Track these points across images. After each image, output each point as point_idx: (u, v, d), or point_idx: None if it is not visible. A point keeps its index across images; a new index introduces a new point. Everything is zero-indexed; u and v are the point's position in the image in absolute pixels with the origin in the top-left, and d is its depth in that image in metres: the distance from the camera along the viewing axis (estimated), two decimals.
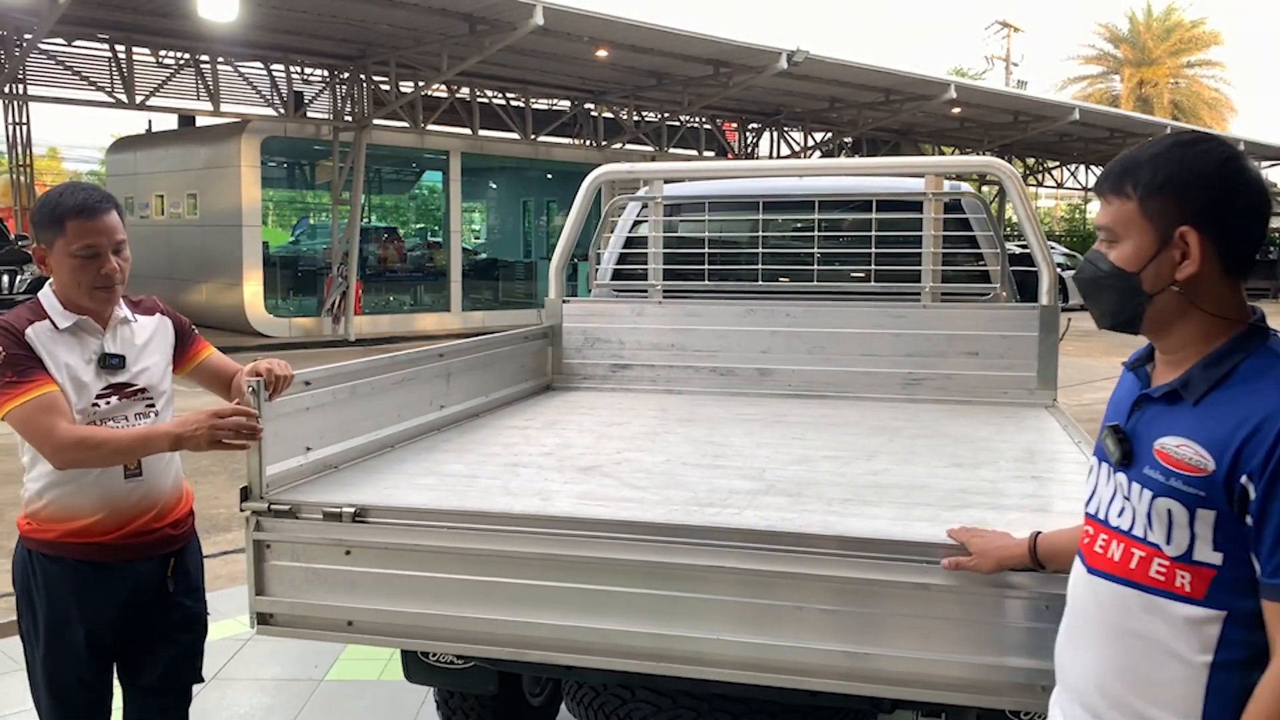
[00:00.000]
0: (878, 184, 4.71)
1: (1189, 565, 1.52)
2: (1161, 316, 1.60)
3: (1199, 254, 1.54)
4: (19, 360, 2.43)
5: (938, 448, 3.24)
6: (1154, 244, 1.57)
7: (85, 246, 2.48)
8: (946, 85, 21.71)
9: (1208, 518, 1.50)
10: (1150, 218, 1.57)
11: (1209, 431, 1.51)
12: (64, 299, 2.55)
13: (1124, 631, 1.61)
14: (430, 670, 2.99)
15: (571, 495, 2.64)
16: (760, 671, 2.18)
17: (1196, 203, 1.54)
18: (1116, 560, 1.62)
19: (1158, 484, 1.55)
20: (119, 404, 2.59)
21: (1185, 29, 47.08)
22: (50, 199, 2.53)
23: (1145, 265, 1.58)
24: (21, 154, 17.53)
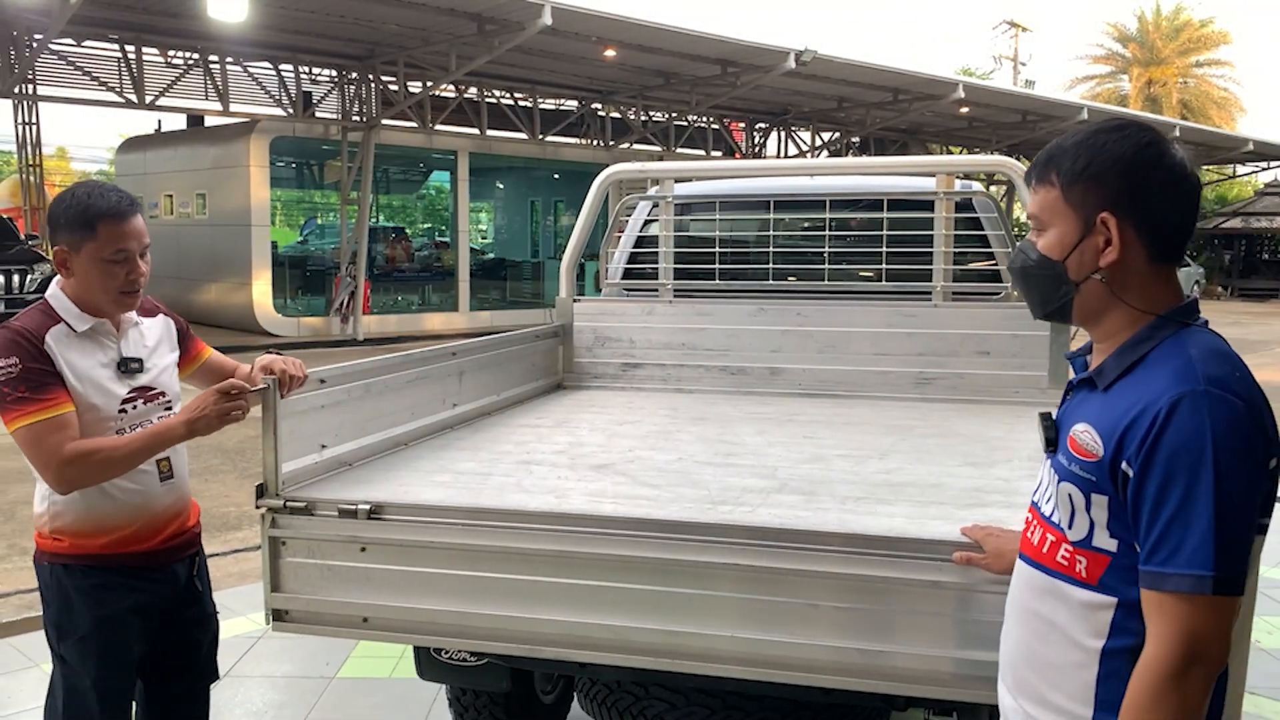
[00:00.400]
0: (888, 183, 4.71)
1: (1087, 550, 1.54)
2: (1089, 305, 1.59)
3: (1119, 240, 1.53)
4: (35, 375, 2.35)
5: (951, 446, 3.24)
6: (1077, 231, 1.56)
7: (118, 251, 2.44)
8: (955, 85, 21.68)
9: (1102, 503, 1.51)
10: (1073, 205, 1.56)
11: (1105, 418, 1.52)
12: (81, 301, 2.48)
13: (1030, 613, 1.63)
14: (443, 668, 3.00)
15: (585, 493, 2.64)
16: (773, 669, 2.19)
17: (1115, 188, 1.53)
18: (1035, 544, 1.65)
19: (1063, 468, 1.58)
20: (144, 408, 2.55)
21: (1194, 28, 46.92)
22: (78, 200, 2.44)
23: (1069, 253, 1.57)
24: (31, 154, 17.57)
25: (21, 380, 2.33)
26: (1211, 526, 1.38)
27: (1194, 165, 1.59)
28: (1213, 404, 1.41)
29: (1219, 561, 1.38)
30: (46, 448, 2.33)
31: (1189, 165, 1.56)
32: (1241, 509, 1.41)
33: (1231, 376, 1.46)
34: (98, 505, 2.46)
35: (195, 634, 2.72)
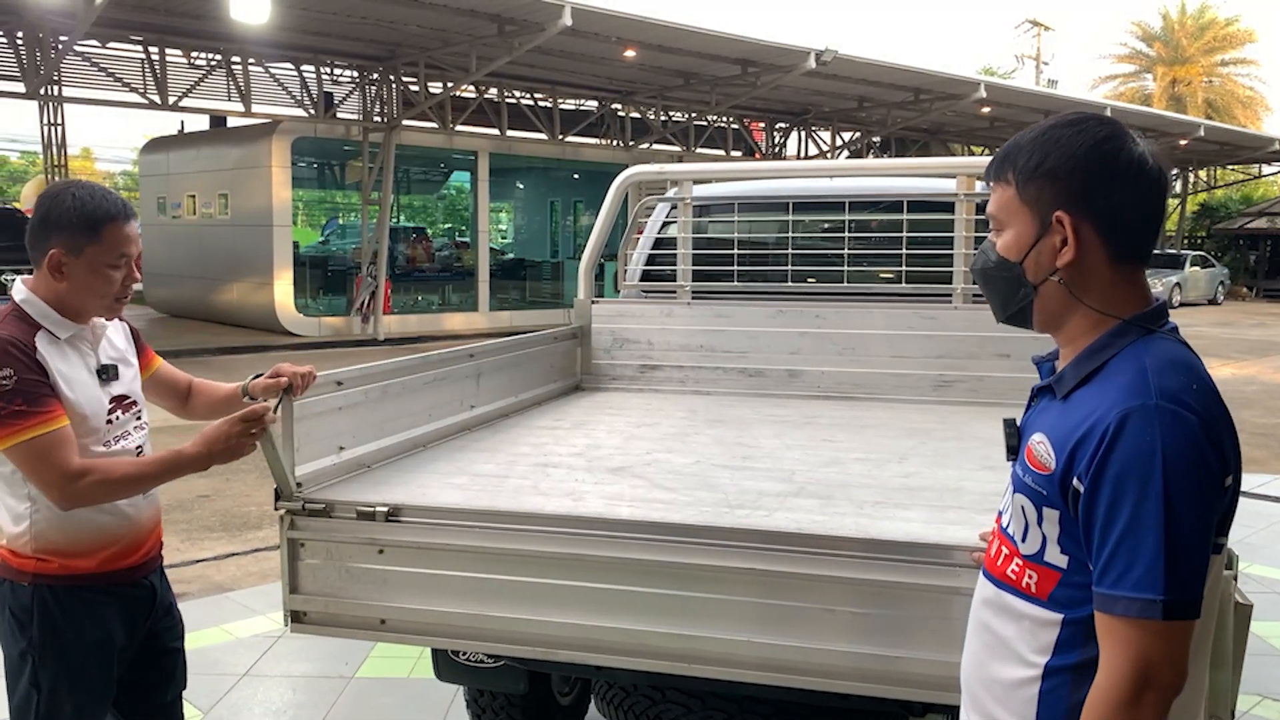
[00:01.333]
0: (908, 185, 4.69)
1: (1038, 565, 1.49)
2: (1048, 308, 1.53)
3: (1074, 239, 1.46)
4: (31, 386, 2.20)
5: (969, 450, 3.23)
6: (1034, 231, 1.49)
7: (121, 255, 2.34)
8: (976, 84, 21.57)
9: (1053, 518, 1.46)
10: (1028, 204, 1.50)
11: (1059, 429, 1.46)
12: (64, 307, 2.33)
13: (983, 627, 1.59)
14: (460, 669, 3.01)
15: (602, 496, 2.64)
16: (789, 674, 2.18)
17: (1070, 185, 1.46)
18: (991, 556, 1.61)
19: (1018, 479, 1.53)
20: (122, 418, 2.43)
21: (1219, 27, 46.48)
22: (79, 201, 2.30)
23: (1026, 254, 1.51)
24: (56, 155, 17.74)
25: (17, 393, 2.19)
26: (1161, 548, 1.32)
27: (1160, 159, 1.49)
28: (1164, 419, 1.35)
29: (1169, 585, 1.32)
30: (51, 464, 2.20)
31: (1152, 159, 1.48)
32: (1193, 529, 1.34)
33: (1187, 389, 1.39)
34: (90, 523, 2.33)
35: (175, 643, 2.61)
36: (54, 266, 2.30)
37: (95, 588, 2.36)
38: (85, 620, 2.35)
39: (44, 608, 2.31)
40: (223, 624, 4.86)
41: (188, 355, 15.26)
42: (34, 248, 2.34)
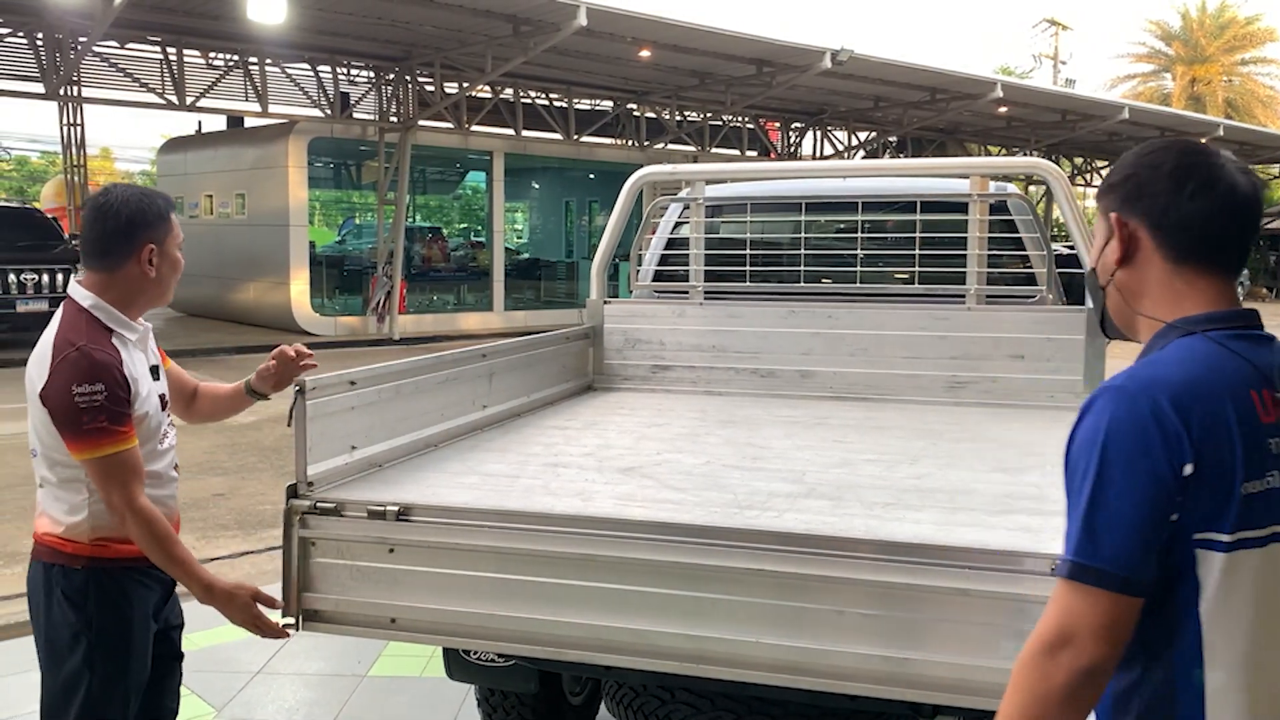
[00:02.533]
0: (922, 185, 4.68)
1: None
2: (1119, 312, 1.58)
3: (1120, 237, 1.52)
4: (116, 404, 2.32)
5: (982, 452, 3.22)
6: (1104, 237, 1.57)
7: (180, 239, 2.52)
8: (993, 84, 21.48)
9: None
10: (1101, 215, 1.59)
11: None
12: (128, 307, 2.45)
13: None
14: (471, 668, 3.02)
15: (612, 496, 2.65)
16: (799, 675, 2.18)
17: (1124, 188, 1.54)
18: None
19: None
20: (164, 416, 2.55)
21: (1239, 25, 46.14)
22: (147, 196, 2.45)
23: (1098, 259, 1.59)
24: (76, 155, 17.87)
25: (103, 411, 2.30)
26: (1082, 515, 1.38)
27: (1233, 168, 1.50)
28: (1118, 400, 1.39)
29: (1080, 548, 1.37)
30: (119, 484, 2.34)
31: (1218, 165, 1.49)
32: (1118, 503, 1.36)
33: (1164, 378, 1.40)
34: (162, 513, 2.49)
35: (179, 619, 2.77)
36: (149, 261, 2.43)
37: (140, 569, 2.49)
38: (135, 599, 2.49)
39: (101, 588, 2.43)
40: None
41: (204, 354, 15.35)
42: (116, 252, 2.42)
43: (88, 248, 2.45)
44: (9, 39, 15.78)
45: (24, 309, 14.31)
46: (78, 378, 2.29)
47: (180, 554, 2.45)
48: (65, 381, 2.29)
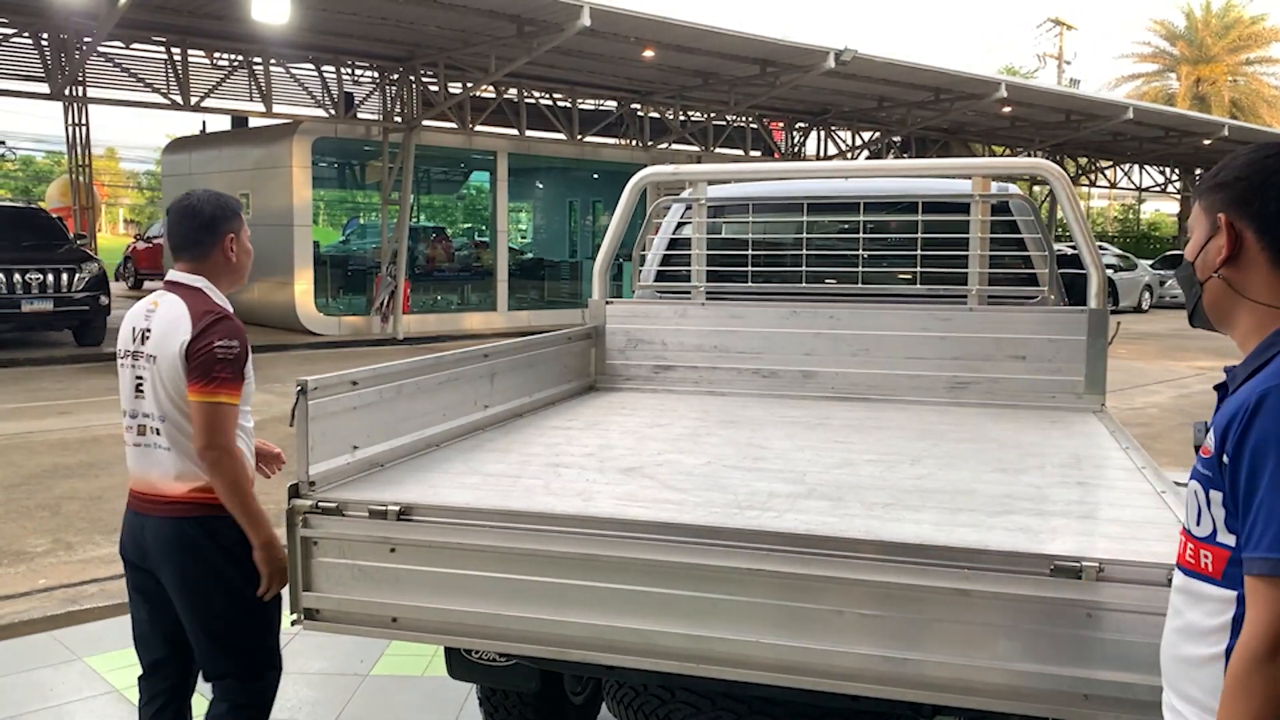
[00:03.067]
0: (924, 185, 4.68)
1: (1211, 546, 1.56)
2: (1216, 306, 1.66)
3: (1229, 238, 1.60)
4: (241, 366, 2.76)
5: (983, 452, 3.22)
6: (1206, 234, 1.65)
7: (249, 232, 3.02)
8: (997, 84, 21.47)
9: (1218, 499, 1.54)
10: (1205, 210, 1.66)
11: (1220, 416, 1.57)
12: (226, 287, 2.94)
13: (1174, 610, 1.66)
14: (473, 667, 3.02)
15: (613, 496, 2.65)
16: (799, 675, 2.18)
17: (1235, 190, 1.61)
18: (1180, 546, 1.68)
19: (1194, 469, 1.62)
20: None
21: (1244, 25, 46.05)
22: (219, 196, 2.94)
23: (1197, 254, 1.67)
24: (81, 155, 17.90)
25: (230, 364, 2.72)
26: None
27: None
28: None
29: None
30: (221, 429, 2.72)
31: None
32: None
33: None
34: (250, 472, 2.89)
35: None
36: (229, 248, 2.91)
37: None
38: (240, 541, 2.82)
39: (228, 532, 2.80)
40: None
41: None
42: (205, 243, 2.88)
43: (179, 242, 2.88)
44: (14, 39, 15.82)
45: (29, 309, 14.33)
46: (222, 334, 2.73)
47: (255, 504, 2.81)
48: (212, 336, 2.71)
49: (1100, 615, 2.05)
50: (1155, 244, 38.98)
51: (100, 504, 6.99)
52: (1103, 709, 2.07)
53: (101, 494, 7.25)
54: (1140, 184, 36.34)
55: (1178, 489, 2.67)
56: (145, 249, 27.15)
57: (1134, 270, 27.25)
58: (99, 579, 5.57)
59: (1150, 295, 27.44)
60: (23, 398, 11.38)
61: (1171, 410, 11.55)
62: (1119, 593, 2.04)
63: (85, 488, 7.41)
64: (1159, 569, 2.02)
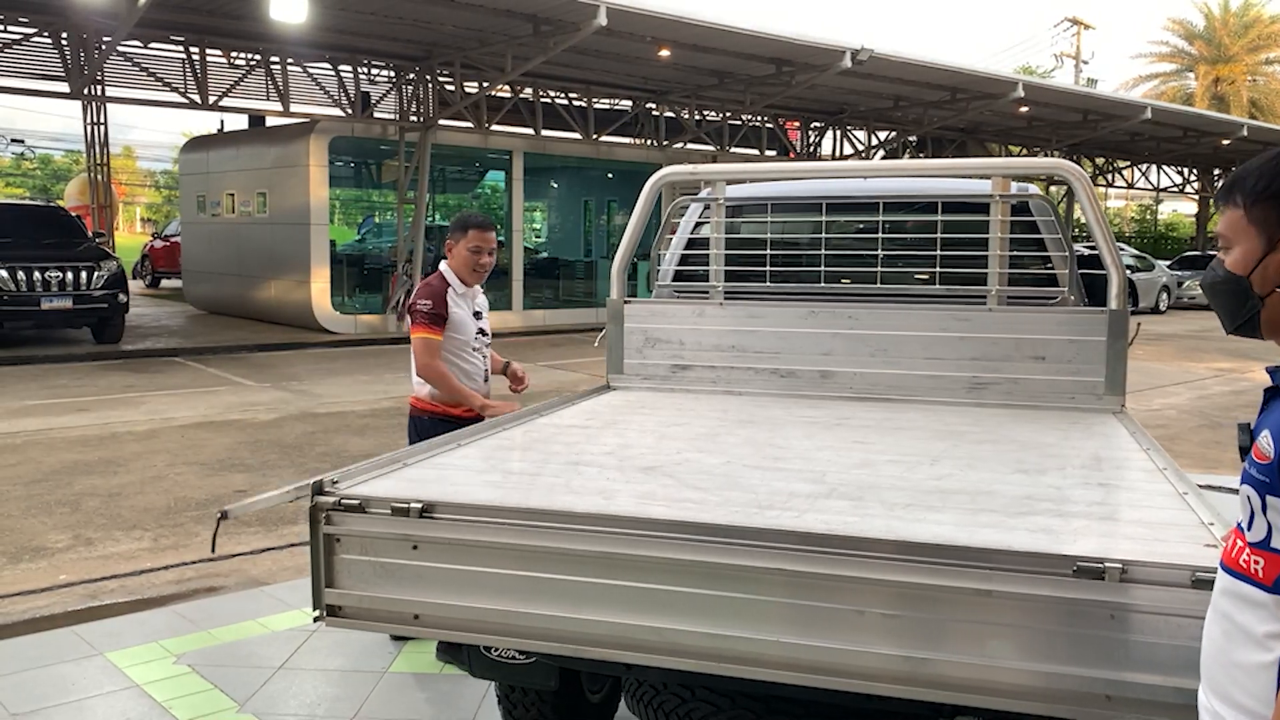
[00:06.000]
0: (943, 185, 4.67)
1: (1264, 551, 1.55)
2: (1276, 319, 1.65)
3: None
4: (434, 317, 4.40)
5: (1003, 453, 3.21)
6: (1261, 248, 1.63)
7: (474, 247, 4.49)
8: (1014, 84, 21.37)
9: (1277, 505, 1.53)
10: (1255, 224, 1.64)
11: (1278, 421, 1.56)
12: (458, 275, 4.52)
13: (1220, 614, 1.66)
14: (492, 665, 3.03)
15: (633, 495, 2.66)
16: (818, 674, 2.18)
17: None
18: (1228, 548, 1.68)
19: (1245, 473, 1.61)
20: (479, 340, 4.59)
21: (1264, 24, 45.72)
22: (461, 216, 4.59)
23: (1253, 269, 1.64)
24: (99, 153, 18.01)
25: (426, 315, 4.40)
26: None
27: None
28: None
29: None
30: (426, 351, 4.41)
31: None
32: None
33: None
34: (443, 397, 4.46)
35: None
36: (446, 249, 4.57)
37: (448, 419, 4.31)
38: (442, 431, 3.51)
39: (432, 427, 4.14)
40: (259, 617, 4.92)
41: (225, 352, 15.46)
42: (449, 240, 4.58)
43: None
44: (35, 38, 15.92)
45: (48, 306, 14.43)
46: (419, 295, 4.45)
47: (460, 388, 4.42)
48: (415, 296, 4.48)
49: (1123, 616, 2.05)
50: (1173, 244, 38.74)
51: (119, 500, 7.04)
52: (1126, 710, 2.07)
53: (120, 490, 7.30)
54: (1158, 184, 36.13)
55: (1199, 491, 2.66)
56: (163, 247, 27.29)
57: (1152, 271, 27.10)
58: (119, 574, 5.61)
59: (1168, 296, 27.28)
60: (42, 395, 11.47)
61: (1190, 412, 11.49)
62: (1142, 594, 2.03)
63: (104, 484, 7.46)
64: (1183, 570, 2.02)
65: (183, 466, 8.13)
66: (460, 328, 4.46)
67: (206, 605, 5.15)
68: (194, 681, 4.23)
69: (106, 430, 9.50)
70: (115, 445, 8.87)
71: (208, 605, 5.16)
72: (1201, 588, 1.99)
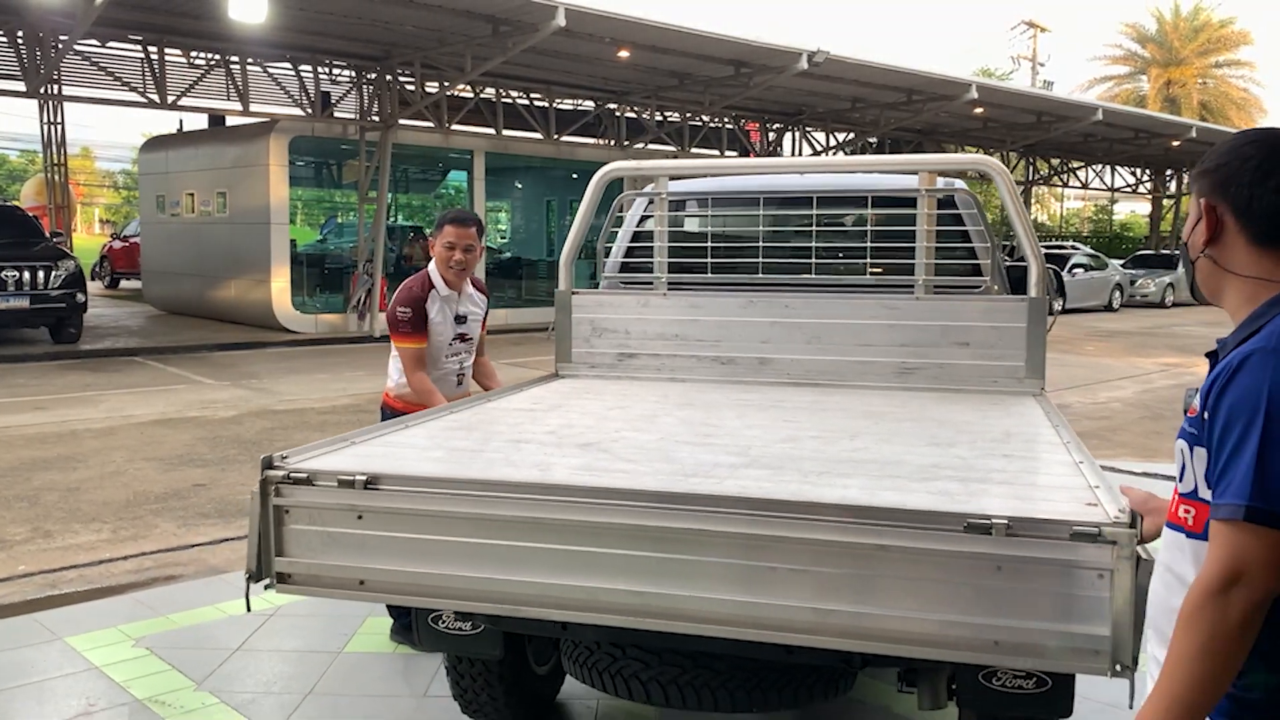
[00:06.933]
0: (874, 181, 4.87)
1: (1193, 501, 1.69)
2: (1206, 282, 1.80)
3: (1209, 220, 1.74)
4: (412, 324, 4.30)
5: (920, 430, 3.41)
6: (1194, 217, 1.80)
7: (448, 243, 4.36)
8: (968, 85, 21.75)
9: (1202, 455, 1.66)
10: (1194, 195, 1.81)
11: (1208, 379, 1.70)
12: (441, 276, 4.38)
13: (1163, 566, 1.80)
14: (439, 636, 3.18)
15: (568, 467, 2.83)
16: (734, 626, 2.36)
17: (1214, 176, 1.75)
18: (1171, 507, 1.80)
19: (1181, 429, 1.76)
20: (458, 345, 4.48)
21: (1214, 28, 46.70)
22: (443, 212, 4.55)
23: (1189, 235, 1.81)
24: (56, 153, 17.91)
25: (406, 324, 4.31)
26: (1253, 463, 1.54)
27: None
28: (1276, 362, 1.56)
29: (1254, 492, 1.54)
30: (412, 363, 4.31)
31: None
32: None
33: None
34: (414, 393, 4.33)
35: None
36: (427, 248, 4.56)
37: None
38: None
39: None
40: (216, 603, 5.03)
41: (185, 351, 15.44)
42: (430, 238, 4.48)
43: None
44: None
45: (4, 305, 14.35)
46: (398, 300, 4.35)
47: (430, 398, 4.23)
48: (392, 303, 4.37)
49: (1010, 568, 2.24)
50: (1127, 244, 39.46)
51: (78, 494, 7.10)
52: (1012, 654, 2.27)
53: (79, 485, 7.36)
54: (1113, 185, 36.80)
55: (1095, 461, 2.87)
56: (122, 248, 27.07)
57: (1105, 270, 27.63)
58: (78, 565, 5.69)
59: (1121, 294, 27.82)
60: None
61: (1134, 404, 11.82)
62: (1026, 547, 2.22)
63: (63, 479, 7.52)
64: (1062, 525, 2.21)
65: (142, 462, 8.19)
66: (435, 336, 4.36)
67: (165, 592, 5.26)
68: (152, 663, 4.34)
69: (65, 428, 9.52)
70: (74, 442, 8.90)
71: (166, 592, 5.26)
72: (1080, 540, 2.20)
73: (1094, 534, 2.17)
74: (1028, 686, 2.68)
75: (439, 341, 4.37)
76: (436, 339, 4.35)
